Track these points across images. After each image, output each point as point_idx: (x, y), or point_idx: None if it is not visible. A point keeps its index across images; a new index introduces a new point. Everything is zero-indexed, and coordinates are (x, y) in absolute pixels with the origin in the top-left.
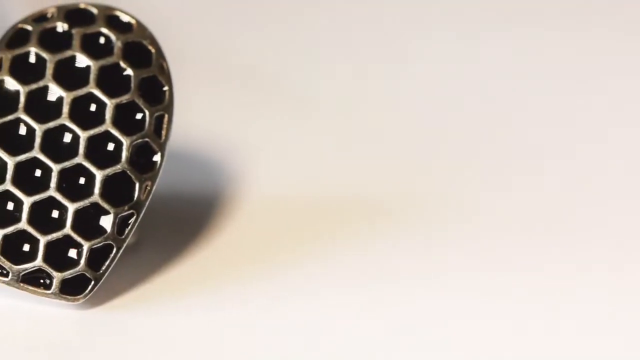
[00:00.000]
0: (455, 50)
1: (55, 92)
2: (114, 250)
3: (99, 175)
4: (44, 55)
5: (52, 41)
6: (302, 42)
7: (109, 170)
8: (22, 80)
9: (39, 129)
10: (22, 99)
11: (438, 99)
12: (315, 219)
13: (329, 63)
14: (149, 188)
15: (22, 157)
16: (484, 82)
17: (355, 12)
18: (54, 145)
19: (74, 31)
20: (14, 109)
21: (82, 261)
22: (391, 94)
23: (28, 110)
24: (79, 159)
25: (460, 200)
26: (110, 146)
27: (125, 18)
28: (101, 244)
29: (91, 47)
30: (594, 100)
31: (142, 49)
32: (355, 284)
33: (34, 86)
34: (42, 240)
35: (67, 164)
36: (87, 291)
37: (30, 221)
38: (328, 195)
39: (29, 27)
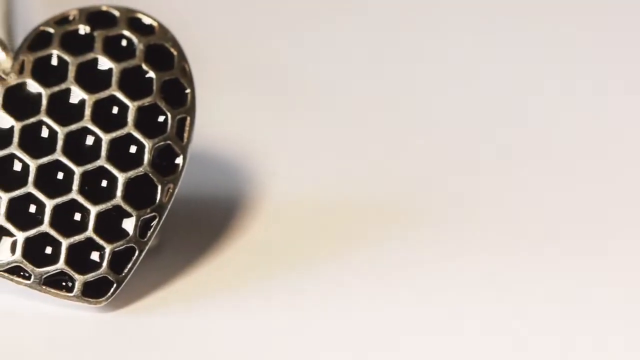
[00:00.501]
0: (472, 50)
1: (77, 94)
2: (136, 253)
3: (121, 177)
4: (66, 57)
5: (74, 44)
6: (323, 45)
7: (131, 173)
8: (44, 83)
9: (61, 131)
10: (44, 101)
11: (455, 99)
12: (335, 220)
13: (349, 65)
14: (171, 191)
15: (44, 160)
16: (501, 82)
17: (375, 13)
18: (76, 147)
19: (95, 34)
20: (36, 111)
21: (104, 264)
22: (410, 95)
23: (50, 112)
24: (101, 162)
25: (478, 201)
26: (133, 149)
27: (147, 20)
28: (123, 246)
29: (113, 49)
30: (615, 100)
31: (164, 52)
32: (374, 285)
33: (56, 89)
34: (64, 243)
35: (89, 166)
36: (109, 294)
37: (53, 224)
38: (348, 196)
39: (51, 30)
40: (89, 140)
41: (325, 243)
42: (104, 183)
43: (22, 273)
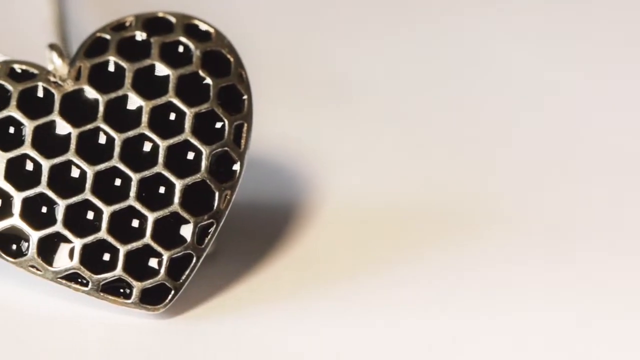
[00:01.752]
0: (531, 54)
1: (134, 101)
2: (194, 260)
3: (178, 184)
4: (123, 64)
5: (131, 50)
6: (381, 51)
7: (189, 180)
8: (101, 89)
9: (118, 138)
10: (101, 108)
11: (518, 103)
12: (392, 226)
13: (406, 71)
14: (228, 197)
15: (102, 166)
16: (564, 82)
17: (433, 20)
18: (134, 154)
19: (152, 40)
20: (93, 118)
21: (162, 271)
22: (470, 100)
23: (107, 119)
24: (159, 168)
25: (543, 208)
26: (190, 155)
27: (203, 27)
28: (181, 253)
29: (170, 56)
30: None
31: (220, 58)
32: (434, 291)
33: (113, 95)
34: (122, 249)
35: (146, 173)
36: (167, 301)
37: (110, 230)
38: (405, 203)
39: (108, 36)
40: (146, 147)
41: (382, 251)
42: (162, 190)
43: (79, 280)
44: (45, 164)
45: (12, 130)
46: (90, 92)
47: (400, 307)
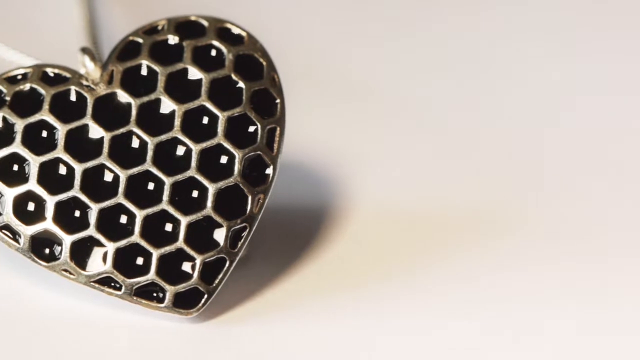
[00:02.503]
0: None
1: (167, 105)
2: (227, 264)
3: (211, 188)
4: (156, 67)
5: (163, 54)
6: (412, 55)
7: (222, 184)
8: (134, 93)
9: (151, 142)
10: (133, 111)
11: (548, 104)
12: (423, 229)
13: (438, 75)
14: (261, 201)
15: (134, 170)
16: (593, 85)
17: (461, 25)
18: (166, 158)
19: (185, 44)
20: (126, 121)
21: (195, 275)
22: (499, 103)
23: (140, 123)
24: (192, 172)
25: (575, 212)
26: (223, 159)
27: (236, 30)
28: (214, 257)
29: (202, 59)
30: None
31: (253, 62)
32: (466, 294)
33: (145, 99)
34: (155, 253)
35: (179, 177)
36: (200, 305)
37: (143, 234)
38: (438, 205)
39: (140, 40)
40: (179, 151)
41: (414, 252)
42: (195, 193)
43: (112, 284)
44: (78, 168)
45: (44, 134)
46: (123, 96)
47: (432, 310)
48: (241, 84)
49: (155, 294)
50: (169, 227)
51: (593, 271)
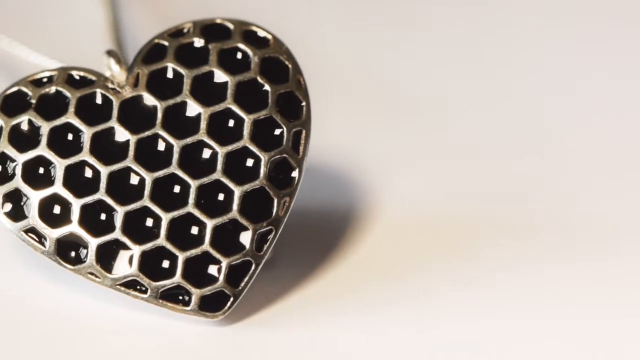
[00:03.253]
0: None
1: (192, 107)
2: (253, 267)
3: (237, 191)
4: (181, 70)
5: (189, 56)
6: (438, 57)
7: (248, 186)
8: (160, 96)
9: (176, 144)
10: (159, 114)
11: (578, 109)
12: (448, 232)
13: (464, 79)
14: (287, 204)
15: (160, 173)
16: (624, 87)
17: (489, 26)
18: (192, 161)
19: (210, 46)
20: (152, 124)
21: (221, 278)
22: (527, 106)
23: (166, 126)
24: (217, 175)
25: (598, 213)
26: (249, 162)
27: (261, 33)
28: (240, 260)
29: (228, 62)
30: None
31: (279, 65)
32: (493, 295)
33: (171, 102)
34: (181, 256)
35: (205, 180)
36: (226, 308)
37: (169, 237)
38: (463, 209)
39: (165, 43)
40: (205, 154)
41: (439, 257)
42: (221, 196)
43: (138, 287)
44: (104, 171)
45: (70, 137)
46: (149, 99)
47: (459, 311)
48: (267, 87)
49: (181, 297)
50: (194, 230)
51: (611, 272)
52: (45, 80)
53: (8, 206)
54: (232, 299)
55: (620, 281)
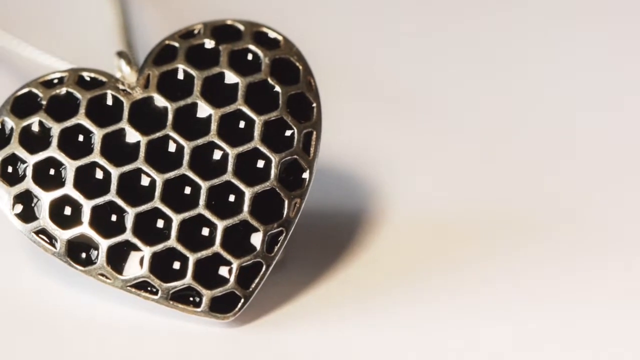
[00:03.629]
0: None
1: (203, 109)
2: (264, 268)
3: (248, 192)
4: (192, 72)
5: (200, 58)
6: (449, 60)
7: (258, 188)
8: (170, 97)
9: (187, 146)
10: (170, 116)
11: (587, 106)
12: (460, 233)
13: (473, 80)
14: (297, 205)
15: (171, 175)
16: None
17: (500, 28)
18: (203, 162)
19: (221, 48)
20: (163, 126)
21: (232, 279)
22: (534, 105)
23: (176, 127)
24: (228, 176)
25: (614, 211)
26: (260, 163)
27: (272, 34)
28: (251, 261)
29: (239, 63)
30: None
31: (289, 66)
32: (503, 295)
33: (182, 103)
34: (192, 258)
35: (215, 181)
36: (236, 309)
37: (180, 239)
38: (472, 208)
39: (176, 44)
40: (216, 155)
41: (450, 257)
42: (231, 198)
43: (149, 288)
44: (115, 172)
45: (81, 138)
46: (160, 100)
47: (473, 313)
48: (277, 88)
49: (191, 299)
50: (205, 231)
51: (630, 274)
52: (55, 81)
53: (19, 207)
54: (242, 300)
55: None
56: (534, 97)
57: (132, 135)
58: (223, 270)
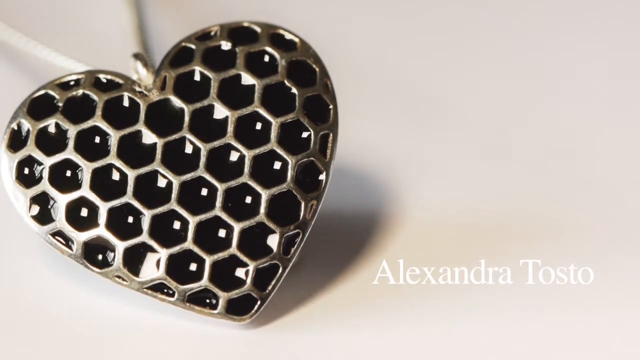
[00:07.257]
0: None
1: (220, 111)
2: (280, 270)
3: (264, 194)
4: (209, 73)
5: (216, 60)
6: (463, 61)
7: (275, 190)
8: (187, 99)
9: (204, 148)
10: (186, 117)
11: (603, 115)
12: (476, 236)
13: (491, 83)
14: (314, 207)
15: (188, 176)
16: None
17: (514, 33)
18: (220, 164)
19: (237, 50)
20: (179, 128)
21: (249, 281)
22: (551, 108)
23: (193, 129)
24: (245, 178)
25: (629, 217)
26: (276, 165)
27: (288, 36)
28: (267, 263)
29: (255, 65)
30: None
31: (306, 68)
32: (522, 299)
33: (198, 105)
34: (208, 260)
35: (232, 183)
36: (253, 311)
37: (196, 241)
38: (488, 212)
39: (193, 46)
40: (233, 157)
41: (466, 260)
42: (248, 200)
43: (165, 290)
44: (131, 174)
45: (97, 140)
46: (176, 102)
47: (489, 316)
48: (294, 90)
49: (208, 301)
50: (222, 233)
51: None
52: (72, 83)
53: (35, 209)
54: (259, 302)
55: None
56: (552, 101)
57: (149, 137)
58: (240, 272)
